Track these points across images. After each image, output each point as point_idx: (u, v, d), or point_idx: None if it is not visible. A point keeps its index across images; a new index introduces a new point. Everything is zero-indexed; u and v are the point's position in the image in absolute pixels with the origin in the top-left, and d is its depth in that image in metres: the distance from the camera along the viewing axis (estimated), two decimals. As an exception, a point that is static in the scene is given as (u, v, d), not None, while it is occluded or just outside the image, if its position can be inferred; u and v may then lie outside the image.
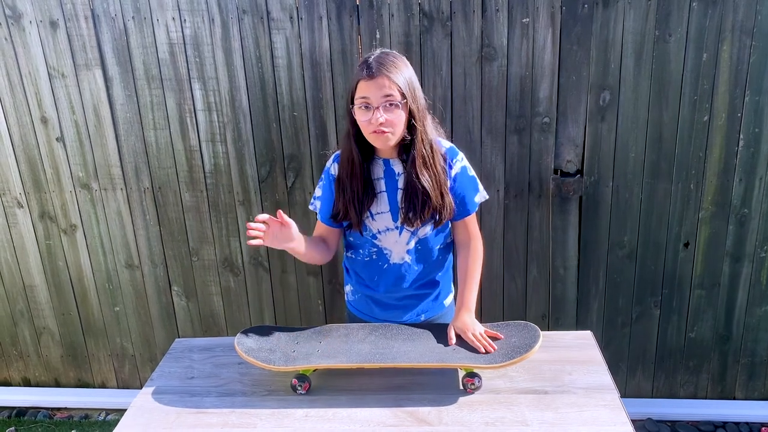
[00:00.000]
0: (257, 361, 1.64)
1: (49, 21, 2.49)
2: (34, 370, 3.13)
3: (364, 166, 1.72)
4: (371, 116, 1.60)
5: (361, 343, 1.70)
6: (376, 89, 1.58)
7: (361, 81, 1.60)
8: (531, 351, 1.59)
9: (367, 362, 1.61)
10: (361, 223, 1.76)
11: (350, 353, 1.65)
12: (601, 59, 2.36)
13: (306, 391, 1.63)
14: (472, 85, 2.43)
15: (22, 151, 2.69)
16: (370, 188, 1.73)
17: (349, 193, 1.73)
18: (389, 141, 1.64)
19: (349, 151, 1.71)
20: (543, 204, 2.56)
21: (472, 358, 1.61)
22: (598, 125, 2.44)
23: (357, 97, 1.62)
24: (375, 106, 1.59)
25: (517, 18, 2.34)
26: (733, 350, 2.72)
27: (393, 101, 1.60)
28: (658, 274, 2.62)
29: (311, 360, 1.64)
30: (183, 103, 2.55)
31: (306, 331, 1.79)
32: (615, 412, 1.49)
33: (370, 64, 1.60)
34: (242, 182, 2.64)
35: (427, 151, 1.68)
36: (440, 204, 1.70)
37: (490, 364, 1.57)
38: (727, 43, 2.31)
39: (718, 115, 2.39)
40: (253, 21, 2.42)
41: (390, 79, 1.59)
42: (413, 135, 1.67)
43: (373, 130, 1.61)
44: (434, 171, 1.69)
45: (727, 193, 2.49)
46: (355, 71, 1.65)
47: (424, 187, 1.67)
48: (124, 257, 2.82)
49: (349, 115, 1.68)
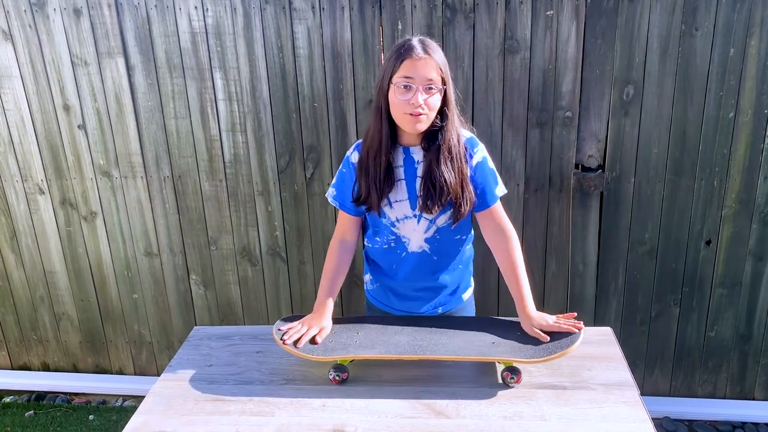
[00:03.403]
0: (297, 351, 1.64)
1: (73, 9, 2.50)
2: (53, 355, 3.17)
3: (390, 148, 1.70)
4: (411, 96, 1.59)
5: (399, 335, 1.69)
6: (421, 69, 1.58)
7: (407, 60, 1.58)
8: (572, 346, 1.57)
9: (406, 354, 1.60)
10: (380, 205, 1.74)
11: (388, 344, 1.65)
12: (625, 53, 2.33)
13: (344, 380, 1.62)
14: (494, 77, 2.41)
15: (45, 138, 2.72)
16: (390, 173, 1.72)
17: (373, 173, 1.71)
18: (421, 125, 1.63)
19: (378, 129, 1.69)
20: (563, 199, 2.53)
21: (513, 351, 1.59)
22: (621, 120, 2.41)
23: (399, 75, 1.59)
24: (417, 87, 1.58)
25: (541, 10, 2.31)
26: (753, 350, 2.69)
27: (434, 84, 1.60)
28: (678, 272, 2.59)
29: (349, 350, 1.63)
30: (204, 92, 2.56)
31: (343, 321, 1.80)
32: (634, 408, 1.48)
33: (414, 46, 1.59)
34: (261, 172, 2.64)
35: (454, 140, 1.67)
36: (460, 194, 1.69)
37: (532, 359, 1.55)
38: (756, 38, 2.27)
39: (744, 111, 2.35)
40: (275, 10, 2.42)
41: (435, 62, 1.59)
42: (444, 122, 1.66)
43: (410, 112, 1.60)
44: (457, 162, 1.68)
45: (752, 191, 2.45)
46: (394, 52, 1.62)
47: (445, 176, 1.66)
48: (143, 245, 2.84)
49: (383, 93, 1.65)
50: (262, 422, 1.48)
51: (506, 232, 1.78)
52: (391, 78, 1.61)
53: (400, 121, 1.65)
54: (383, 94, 1.65)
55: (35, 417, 3.00)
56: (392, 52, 1.64)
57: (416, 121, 1.62)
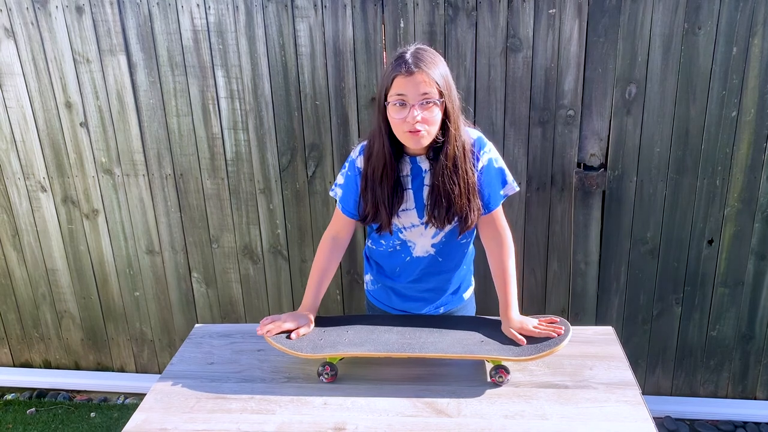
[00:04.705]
0: (285, 348, 1.64)
1: (75, 6, 2.50)
2: (54, 353, 3.17)
3: (396, 166, 1.66)
4: (407, 114, 1.53)
5: (388, 333, 1.70)
6: (413, 86, 1.52)
7: (398, 77, 1.53)
8: (560, 345, 1.57)
9: (395, 352, 1.60)
10: (391, 224, 1.72)
11: (377, 342, 1.65)
12: (628, 52, 2.33)
13: (332, 380, 1.63)
14: (496, 76, 2.40)
15: (47, 136, 2.72)
16: (399, 187, 1.68)
17: (380, 194, 1.67)
18: (423, 141, 1.58)
19: (381, 149, 1.64)
20: (565, 198, 2.53)
21: (501, 350, 1.60)
22: (623, 119, 2.41)
23: (392, 94, 1.54)
24: (412, 104, 1.53)
25: (544, 9, 2.31)
26: (755, 350, 2.69)
27: (430, 99, 1.53)
28: (680, 271, 2.59)
29: (338, 348, 1.64)
30: (206, 90, 2.55)
31: (333, 320, 1.80)
32: (636, 408, 1.48)
33: (407, 60, 1.53)
34: (263, 170, 2.64)
35: (459, 152, 1.62)
36: (466, 205, 1.65)
37: (519, 357, 1.56)
38: (759, 37, 2.26)
39: (747, 110, 2.35)
40: (277, 9, 2.41)
41: (429, 76, 1.52)
42: (446, 136, 1.61)
43: (408, 130, 1.55)
44: (464, 174, 1.63)
45: (754, 190, 2.45)
46: (389, 66, 1.58)
47: (450, 191, 1.62)
48: (144, 243, 2.84)
49: (381, 113, 1.61)
50: (263, 420, 1.48)
51: (503, 239, 1.76)
52: (386, 96, 1.57)
53: (402, 139, 1.60)
54: (382, 113, 1.61)
55: (37, 414, 3.01)
56: (387, 67, 1.60)
57: (417, 138, 1.56)
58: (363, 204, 1.73)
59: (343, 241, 1.85)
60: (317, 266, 1.82)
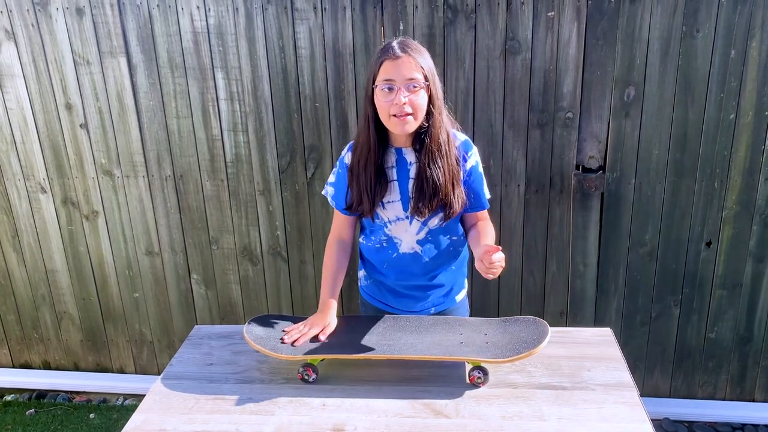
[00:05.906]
0: (265, 349, 1.65)
1: (76, 8, 2.51)
2: (54, 354, 3.17)
3: (379, 153, 1.71)
4: (394, 97, 1.59)
5: (369, 334, 1.71)
6: (401, 70, 1.58)
7: (386, 61, 1.59)
8: (538, 347, 1.57)
9: (374, 354, 1.61)
10: (373, 211, 1.76)
11: (357, 344, 1.66)
12: (626, 54, 2.34)
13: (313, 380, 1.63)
14: (495, 78, 2.41)
15: (47, 137, 2.72)
16: (383, 176, 1.73)
17: (363, 180, 1.72)
18: (409, 125, 1.63)
19: (366, 136, 1.70)
20: (564, 200, 2.54)
21: (479, 351, 1.60)
22: (621, 121, 2.41)
23: (380, 79, 1.61)
24: (398, 87, 1.58)
25: (542, 11, 2.32)
26: (753, 352, 2.69)
27: (417, 83, 1.59)
28: (678, 273, 2.60)
29: (318, 350, 1.65)
30: (206, 92, 2.56)
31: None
32: (634, 409, 1.48)
33: (393, 47, 1.60)
34: (263, 172, 2.65)
35: (443, 138, 1.67)
36: (451, 195, 1.69)
37: (497, 358, 1.56)
38: (756, 40, 2.27)
39: (745, 113, 2.35)
40: (276, 11, 2.42)
41: (415, 60, 1.59)
42: (430, 121, 1.66)
43: (394, 113, 1.60)
44: (447, 161, 1.68)
45: (752, 193, 2.45)
46: (376, 54, 1.65)
47: (436, 177, 1.66)
48: (144, 244, 2.85)
49: (368, 99, 1.66)
50: (262, 421, 1.49)
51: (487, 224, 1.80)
52: (374, 82, 1.62)
53: (388, 124, 1.65)
54: (369, 100, 1.66)
55: (36, 415, 3.01)
56: (373, 57, 1.66)
57: (403, 122, 1.62)
58: (350, 193, 1.78)
59: (347, 241, 1.89)
60: (328, 267, 1.85)
